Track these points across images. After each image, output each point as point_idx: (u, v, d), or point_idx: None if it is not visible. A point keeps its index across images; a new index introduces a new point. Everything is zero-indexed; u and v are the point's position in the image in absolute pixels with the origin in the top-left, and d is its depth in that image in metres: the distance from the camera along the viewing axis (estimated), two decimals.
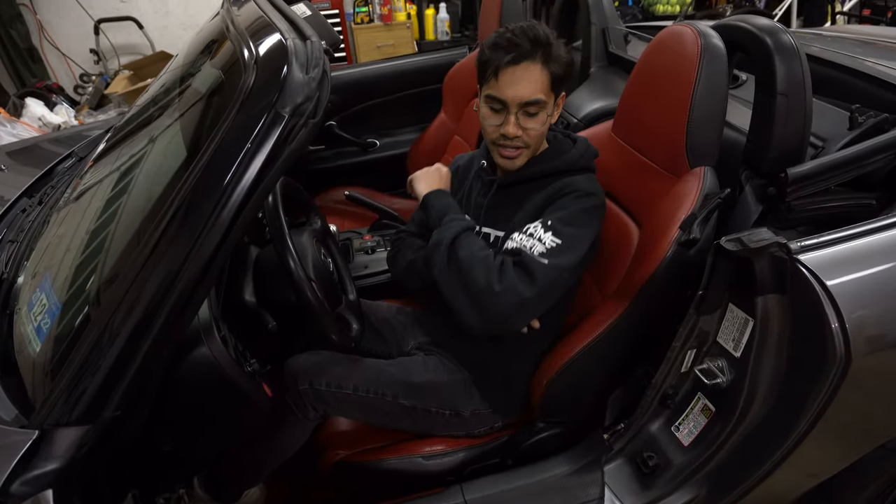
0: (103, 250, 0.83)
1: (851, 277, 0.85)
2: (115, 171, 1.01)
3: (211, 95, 0.83)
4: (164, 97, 1.08)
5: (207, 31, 1.14)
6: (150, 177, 0.89)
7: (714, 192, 1.02)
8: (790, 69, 1.01)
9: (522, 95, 1.00)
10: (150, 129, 1.05)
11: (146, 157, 0.96)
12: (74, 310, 0.80)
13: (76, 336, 0.75)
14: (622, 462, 1.16)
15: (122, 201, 0.90)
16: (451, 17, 4.08)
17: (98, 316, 0.73)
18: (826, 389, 0.87)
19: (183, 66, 1.11)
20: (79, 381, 0.71)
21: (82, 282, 0.83)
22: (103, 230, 0.87)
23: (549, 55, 1.00)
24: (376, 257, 1.61)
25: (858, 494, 1.14)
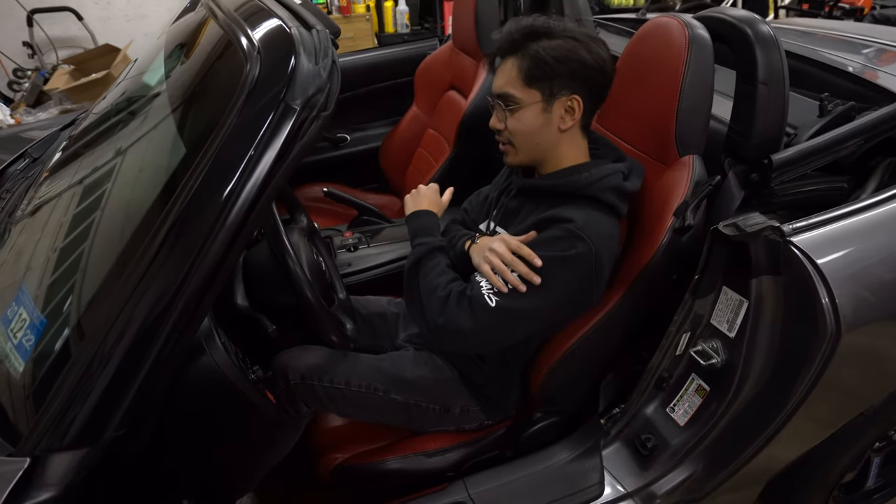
0: (92, 260, 0.77)
1: (839, 255, 0.90)
2: (93, 174, 0.94)
3: (206, 91, 0.78)
4: (141, 96, 1.01)
5: (189, 21, 1.07)
6: (139, 181, 0.84)
7: (703, 179, 1.06)
8: (770, 59, 1.04)
9: (496, 87, 1.03)
10: (129, 129, 0.98)
11: (129, 160, 0.89)
12: (63, 325, 0.74)
13: (68, 354, 0.70)
14: (620, 445, 1.18)
15: (107, 207, 0.83)
16: (410, 9, 4.04)
17: (94, 331, 0.68)
18: (817, 364, 0.92)
19: (159, 61, 1.04)
20: (73, 402, 0.66)
21: (70, 293, 0.77)
22: (88, 238, 0.81)
23: (527, 51, 0.97)
24: (359, 254, 1.58)
25: (839, 460, 1.21)
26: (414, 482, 1.16)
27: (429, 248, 1.06)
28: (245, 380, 0.82)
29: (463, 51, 1.91)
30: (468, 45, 1.85)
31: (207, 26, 0.90)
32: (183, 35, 1.05)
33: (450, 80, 1.99)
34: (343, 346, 1.02)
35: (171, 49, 1.01)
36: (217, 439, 0.87)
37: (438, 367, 1.20)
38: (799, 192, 1.11)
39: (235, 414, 0.84)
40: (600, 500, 1.13)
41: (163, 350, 0.67)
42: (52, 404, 0.67)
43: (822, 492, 1.28)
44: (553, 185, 1.05)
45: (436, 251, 1.06)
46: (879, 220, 0.95)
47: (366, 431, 1.21)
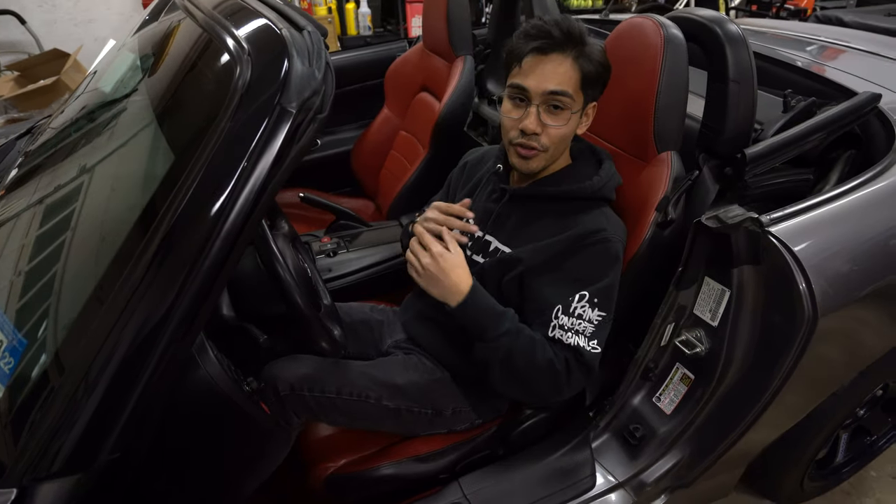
0: (73, 277, 0.73)
1: (813, 243, 0.95)
2: (64, 190, 0.89)
3: (192, 97, 0.75)
4: (112, 106, 0.97)
5: (161, 26, 1.03)
6: (119, 195, 0.80)
7: (682, 174, 1.09)
8: (739, 57, 1.09)
9: (547, 85, 0.94)
10: (103, 141, 0.93)
11: (107, 173, 0.85)
12: (46, 347, 0.70)
13: (52, 377, 0.66)
14: (609, 437, 1.21)
15: (86, 223, 0.79)
16: (372, 11, 4.01)
17: (81, 353, 0.65)
18: (796, 348, 0.96)
19: (130, 69, 1.00)
20: (61, 427, 0.63)
21: (55, 311, 0.73)
22: (70, 255, 0.76)
23: (583, 51, 0.95)
24: (338, 259, 1.56)
25: (813, 439, 1.27)
26: (408, 487, 1.15)
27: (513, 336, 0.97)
28: (240, 392, 0.79)
29: (434, 52, 1.91)
30: (440, 47, 1.85)
31: (185, 30, 0.87)
32: (157, 40, 1.01)
33: (421, 82, 1.98)
34: (334, 352, 1.01)
35: (144, 55, 0.98)
36: (212, 454, 0.84)
37: (429, 370, 1.19)
38: (769, 184, 1.16)
39: (231, 427, 0.81)
40: (592, 491, 1.15)
41: (156, 371, 0.64)
42: (37, 431, 0.64)
43: (798, 469, 1.34)
44: (566, 192, 1.04)
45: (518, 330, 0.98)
46: (848, 209, 1.01)
47: (357, 439, 1.20)
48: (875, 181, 1.05)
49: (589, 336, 0.98)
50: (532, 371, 0.97)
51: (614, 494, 1.15)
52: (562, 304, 0.99)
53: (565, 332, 0.98)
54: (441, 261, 0.97)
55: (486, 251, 1.13)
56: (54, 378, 0.67)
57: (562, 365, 0.97)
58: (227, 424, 0.81)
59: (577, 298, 0.98)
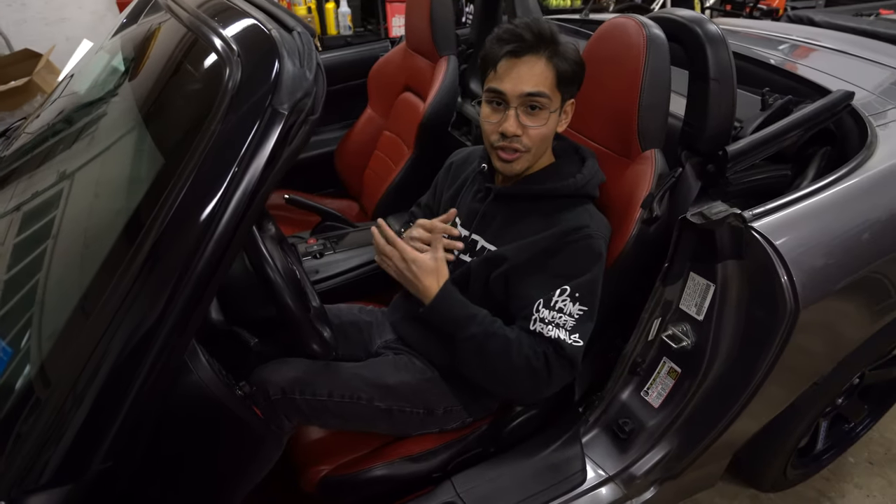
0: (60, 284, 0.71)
1: (794, 237, 0.97)
2: (46, 196, 0.87)
3: (179, 99, 0.74)
4: (93, 109, 0.95)
5: (142, 27, 1.01)
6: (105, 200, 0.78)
7: (666, 172, 1.11)
8: (719, 56, 1.11)
9: (523, 87, 0.96)
10: (86, 143, 0.91)
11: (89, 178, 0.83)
12: (32, 357, 0.68)
13: (39, 386, 0.65)
14: (599, 431, 1.23)
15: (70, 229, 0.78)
16: (352, 10, 3.98)
17: (71, 361, 0.64)
18: (779, 339, 0.99)
19: (111, 71, 0.98)
20: (51, 436, 0.62)
21: (38, 321, 0.71)
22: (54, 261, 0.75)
23: (556, 51, 0.97)
24: (325, 261, 1.55)
25: (796, 428, 1.30)
26: (401, 487, 1.15)
27: (482, 336, 0.99)
28: (233, 396, 0.78)
29: (417, 52, 1.91)
30: (423, 47, 1.85)
31: (169, 31, 0.85)
32: (138, 42, 0.99)
33: (404, 82, 1.98)
34: (325, 354, 1.00)
35: (126, 57, 0.96)
36: (205, 458, 0.83)
37: (419, 370, 1.19)
38: (750, 180, 1.19)
39: (224, 432, 0.81)
40: (584, 485, 1.16)
41: (147, 380, 0.63)
42: (25, 442, 0.62)
43: (782, 457, 1.38)
44: (551, 190, 1.06)
45: (487, 332, 1.00)
46: (825, 204, 1.04)
47: (349, 440, 1.19)
48: (850, 177, 1.09)
49: (570, 330, 0.99)
50: (510, 371, 0.99)
51: (605, 488, 1.17)
52: (543, 298, 1.00)
53: (546, 326, 1.00)
54: (414, 266, 1.03)
55: (473, 250, 1.14)
56: (41, 389, 0.65)
57: (540, 362, 0.98)
58: (220, 429, 0.80)
59: (559, 293, 1.00)
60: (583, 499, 1.15)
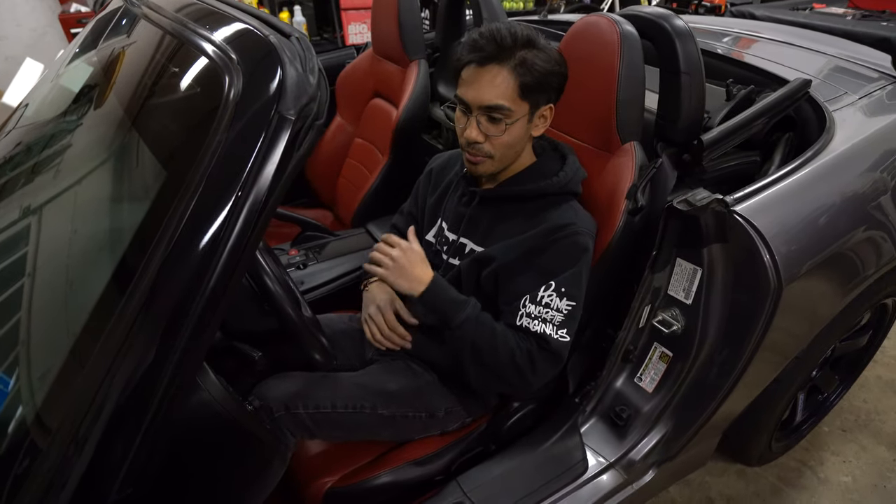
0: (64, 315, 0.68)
1: (773, 218, 1.02)
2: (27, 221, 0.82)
3: (174, 111, 0.72)
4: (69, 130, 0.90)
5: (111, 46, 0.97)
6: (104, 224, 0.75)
7: (646, 163, 1.15)
8: (688, 50, 1.16)
9: (482, 99, 0.96)
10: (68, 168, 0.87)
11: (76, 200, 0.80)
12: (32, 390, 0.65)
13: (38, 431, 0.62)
14: (596, 420, 1.25)
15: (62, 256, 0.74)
16: (307, 19, 3.94)
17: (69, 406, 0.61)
18: (764, 317, 1.03)
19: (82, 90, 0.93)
20: (59, 474, 0.58)
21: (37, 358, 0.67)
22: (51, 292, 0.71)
23: (523, 59, 0.94)
24: (310, 271, 1.53)
25: (779, 402, 1.36)
26: (407, 492, 1.15)
27: (474, 323, 1.02)
28: (245, 413, 0.76)
29: (386, 58, 1.91)
30: (392, 52, 1.85)
31: (149, 42, 0.82)
32: (110, 60, 0.95)
33: (374, 88, 1.98)
34: (327, 363, 0.99)
35: (97, 78, 0.92)
36: (216, 477, 0.80)
37: (417, 373, 1.19)
38: (723, 167, 1.24)
39: (236, 449, 0.78)
40: (586, 474, 1.18)
41: (160, 408, 0.61)
42: (28, 489, 0.59)
43: (767, 432, 1.44)
44: (535, 190, 1.07)
45: (478, 319, 1.03)
46: (797, 186, 1.10)
47: (351, 450, 1.17)
48: (816, 159, 1.15)
49: (557, 325, 1.01)
50: (496, 361, 1.01)
51: (607, 475, 1.19)
52: (529, 294, 1.02)
53: (532, 320, 1.01)
54: (409, 253, 1.05)
55: (462, 254, 1.14)
56: (39, 436, 0.62)
57: (523, 357, 1.00)
58: (233, 446, 0.77)
59: (545, 288, 1.02)
60: (586, 487, 1.17)
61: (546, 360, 1.01)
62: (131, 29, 0.94)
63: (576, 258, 1.03)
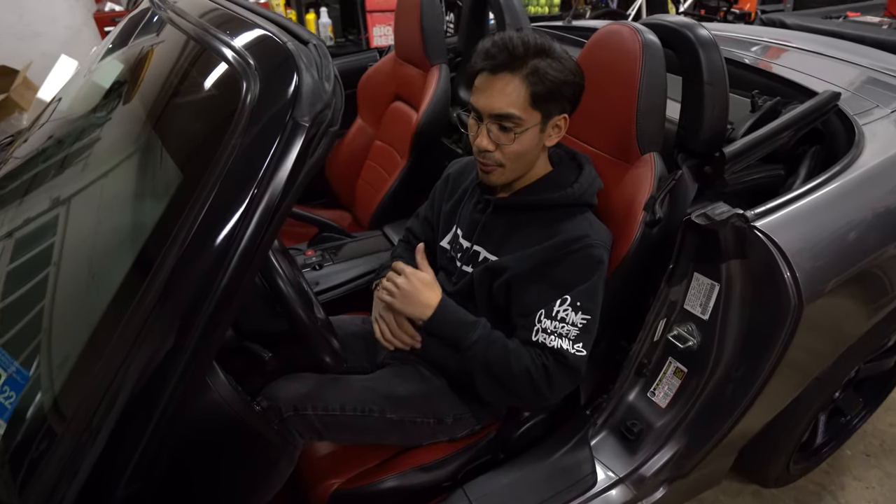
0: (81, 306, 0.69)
1: (795, 235, 0.99)
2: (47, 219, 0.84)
3: (193, 114, 0.73)
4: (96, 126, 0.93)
5: (143, 43, 1.00)
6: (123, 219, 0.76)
7: (665, 174, 1.13)
8: (712, 60, 1.13)
9: (493, 107, 0.96)
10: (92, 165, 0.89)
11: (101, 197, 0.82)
12: (52, 376, 0.66)
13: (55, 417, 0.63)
14: (607, 433, 1.23)
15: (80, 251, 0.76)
16: (333, 21, 3.98)
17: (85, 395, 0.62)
18: (784, 336, 1.00)
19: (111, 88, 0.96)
20: (67, 470, 0.60)
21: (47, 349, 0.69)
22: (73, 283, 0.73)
23: (536, 68, 0.93)
24: (325, 272, 1.54)
25: (799, 423, 1.32)
26: (413, 498, 1.14)
27: (486, 343, 1.02)
28: (253, 413, 0.77)
29: (408, 61, 1.91)
30: (414, 56, 1.86)
31: (174, 46, 0.84)
32: (137, 59, 0.97)
33: (395, 91, 1.99)
34: (337, 365, 0.99)
35: (125, 76, 0.94)
36: (222, 476, 0.81)
37: (427, 378, 1.19)
38: (745, 180, 1.21)
39: (243, 449, 0.79)
40: (595, 488, 1.16)
41: (170, 403, 0.62)
42: (41, 474, 0.60)
43: (785, 453, 1.40)
44: (549, 200, 1.06)
45: (490, 339, 1.02)
46: (823, 202, 1.06)
47: (359, 453, 1.18)
48: (843, 174, 1.12)
49: (573, 339, 1.00)
50: (510, 379, 1.00)
51: (616, 490, 1.17)
52: (545, 309, 1.01)
53: (548, 336, 1.00)
54: (414, 279, 1.06)
55: (476, 262, 1.14)
56: (56, 424, 0.64)
57: (539, 372, 0.99)
58: (240, 446, 0.78)
59: (560, 302, 1.00)
60: (594, 501, 1.15)
61: (564, 374, 1.01)
62: (160, 29, 0.97)
63: (591, 271, 1.02)
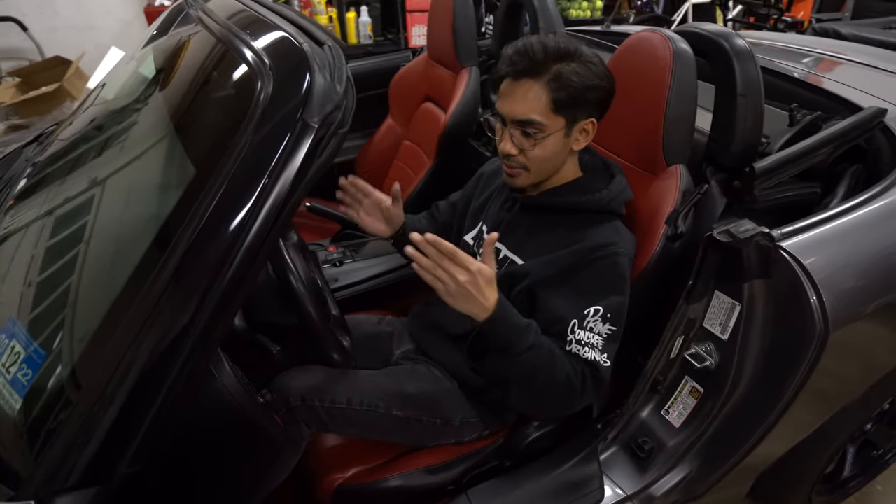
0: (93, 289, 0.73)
1: (824, 257, 0.95)
2: (79, 201, 0.88)
3: (211, 111, 0.75)
4: (125, 117, 0.97)
5: (174, 38, 1.03)
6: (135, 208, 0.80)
7: (691, 188, 1.10)
8: (747, 71, 1.10)
9: (515, 112, 0.97)
10: (117, 153, 0.93)
11: (123, 185, 0.85)
12: (63, 360, 0.69)
13: (69, 390, 0.66)
14: (618, 449, 1.20)
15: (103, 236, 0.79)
16: (373, 20, 4.03)
17: (98, 368, 0.65)
18: (807, 362, 0.96)
19: (143, 80, 0.99)
20: (80, 438, 0.62)
21: (71, 325, 0.72)
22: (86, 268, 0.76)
23: (558, 73, 0.93)
24: (345, 269, 1.56)
25: (822, 453, 1.26)
26: (416, 499, 1.14)
27: (536, 351, 0.95)
28: (255, 404, 0.79)
29: (439, 63, 1.92)
30: (445, 58, 1.86)
31: (201, 43, 0.87)
32: (169, 54, 1.01)
33: (425, 92, 1.99)
34: (345, 363, 1.00)
35: (157, 67, 0.97)
36: (224, 464, 0.83)
37: (437, 379, 1.19)
38: (777, 197, 1.17)
39: (244, 439, 0.81)
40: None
41: (174, 386, 0.64)
42: (55, 443, 0.63)
43: (806, 483, 1.34)
44: (575, 204, 1.05)
45: (541, 345, 0.96)
46: (857, 224, 1.01)
47: (365, 449, 1.19)
48: (884, 196, 1.06)
49: (601, 349, 0.99)
50: (551, 386, 0.97)
51: None
52: (577, 319, 0.99)
53: (582, 347, 0.99)
54: (479, 278, 0.89)
55: (497, 258, 1.13)
56: (72, 392, 0.66)
57: (578, 380, 0.97)
58: (242, 436, 0.80)
59: (592, 313, 0.99)
60: None
61: (594, 385, 1.00)
62: (192, 24, 1.00)
63: (619, 282, 1.00)
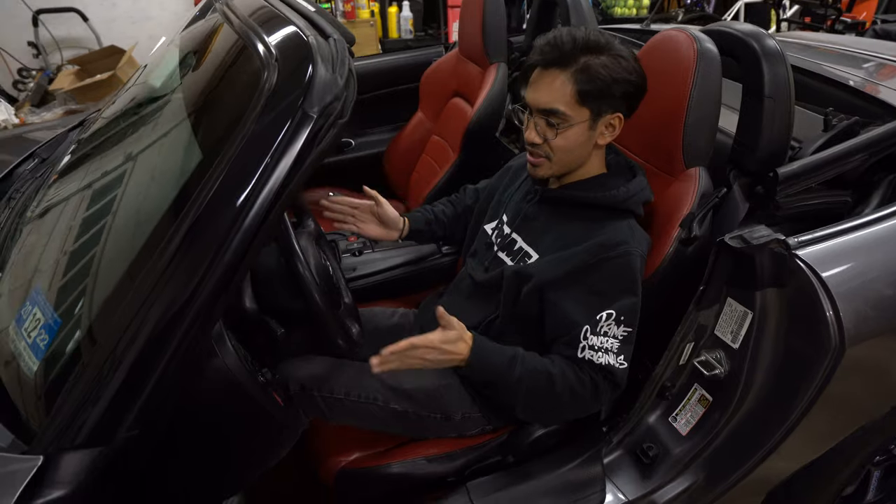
0: (106, 262, 0.78)
1: (843, 269, 0.91)
2: (105, 177, 0.95)
3: (222, 97, 0.79)
4: (153, 101, 1.02)
5: (202, 27, 1.08)
6: (152, 185, 0.84)
7: (709, 191, 1.07)
8: (776, 73, 1.06)
9: (539, 101, 0.98)
10: (142, 134, 0.99)
11: (142, 164, 0.90)
12: (78, 326, 0.75)
13: (82, 354, 0.71)
14: (622, 454, 1.19)
15: (120, 210, 0.84)
16: (414, 15, 4.06)
17: (107, 333, 0.69)
18: (820, 377, 0.93)
19: (172, 66, 1.05)
20: (86, 402, 0.67)
21: (84, 295, 0.77)
22: (101, 240, 0.81)
23: (586, 65, 0.94)
24: (364, 259, 1.59)
25: (839, 473, 1.21)
26: (416, 487, 1.16)
27: (526, 382, 0.98)
28: (255, 382, 0.82)
29: (469, 58, 1.92)
30: (474, 53, 1.87)
31: (221, 32, 0.91)
32: (197, 41, 1.06)
33: (455, 87, 2.00)
34: (350, 350, 1.03)
35: (184, 54, 1.02)
36: (222, 441, 0.87)
37: (439, 374, 1.19)
38: (803, 204, 1.12)
39: (243, 416, 0.85)
40: None
41: (176, 353, 0.67)
42: (65, 403, 0.68)
43: (822, 503, 1.29)
44: (592, 199, 1.05)
45: (531, 372, 0.98)
46: (882, 236, 0.97)
47: (370, 434, 1.21)
48: None
49: (616, 352, 0.99)
50: (553, 402, 1.00)
51: None
52: (589, 325, 0.99)
53: (595, 353, 0.99)
54: (445, 346, 0.95)
55: (511, 249, 1.14)
56: (84, 354, 0.71)
57: (586, 389, 0.98)
58: (240, 412, 0.84)
59: (605, 317, 0.98)
60: None
61: (610, 389, 1.01)
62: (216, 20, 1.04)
63: (631, 282, 0.99)
